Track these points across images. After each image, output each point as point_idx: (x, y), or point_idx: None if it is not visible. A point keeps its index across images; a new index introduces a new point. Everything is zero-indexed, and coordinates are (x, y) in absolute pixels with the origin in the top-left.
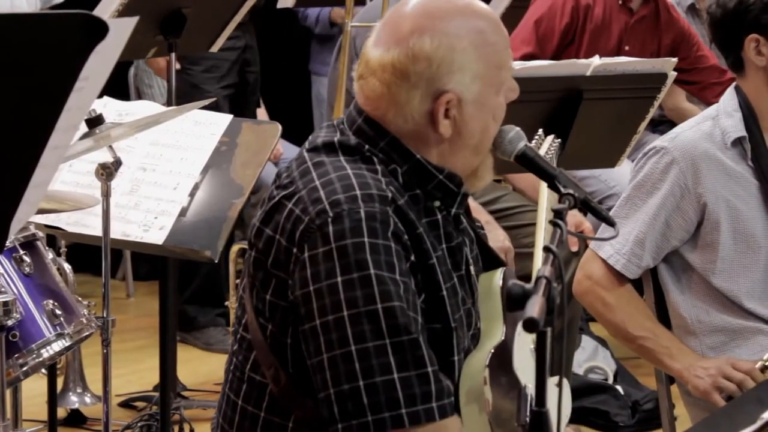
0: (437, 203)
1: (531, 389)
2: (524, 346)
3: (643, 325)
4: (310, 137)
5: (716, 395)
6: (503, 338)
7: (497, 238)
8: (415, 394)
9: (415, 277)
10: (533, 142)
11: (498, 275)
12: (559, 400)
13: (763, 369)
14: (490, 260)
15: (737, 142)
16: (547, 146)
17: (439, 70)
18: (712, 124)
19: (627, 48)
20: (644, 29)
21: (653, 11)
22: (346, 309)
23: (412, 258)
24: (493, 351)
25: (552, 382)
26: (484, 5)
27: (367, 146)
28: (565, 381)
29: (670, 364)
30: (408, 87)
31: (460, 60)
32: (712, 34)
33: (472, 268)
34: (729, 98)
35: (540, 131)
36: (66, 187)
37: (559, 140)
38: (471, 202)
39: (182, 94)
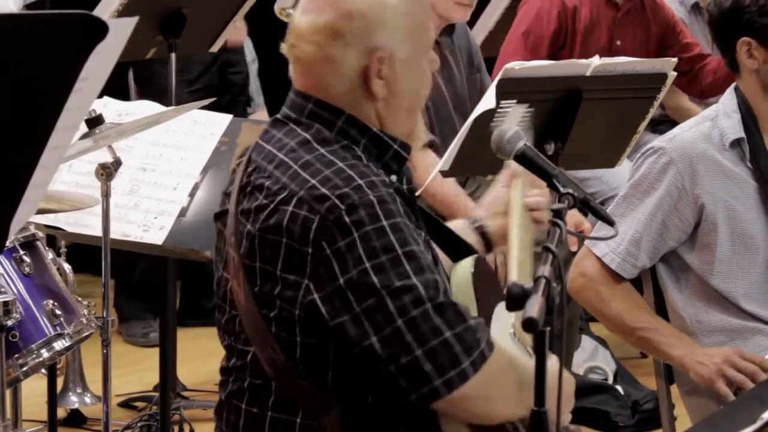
0: (394, 177)
1: None
2: (502, 332)
3: (641, 316)
4: (267, 140)
5: (721, 383)
6: None
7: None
8: (470, 345)
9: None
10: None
11: (470, 263)
12: (558, 403)
13: None
14: (461, 249)
15: (736, 143)
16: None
17: (372, 27)
18: (710, 125)
19: (618, 43)
20: (632, 22)
21: (638, 3)
22: (384, 290)
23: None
24: None
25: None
26: None
27: (330, 133)
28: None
29: (671, 353)
30: (343, 45)
31: (391, 16)
32: (710, 33)
33: (431, 242)
34: (728, 99)
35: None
36: (66, 187)
37: (532, 109)
38: (453, 187)
39: (148, 97)
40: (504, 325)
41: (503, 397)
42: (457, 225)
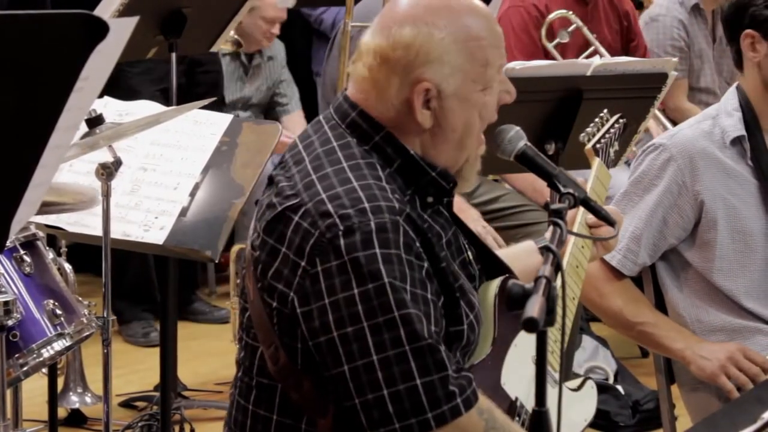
0: (430, 199)
1: (524, 399)
2: (524, 356)
3: (641, 311)
4: (302, 140)
5: (723, 378)
6: (488, 352)
7: (472, 217)
8: (439, 397)
9: (431, 282)
10: (597, 119)
11: (496, 284)
12: (558, 406)
13: None
14: (495, 267)
15: (736, 141)
16: (608, 126)
17: (417, 59)
18: (711, 123)
19: (595, 36)
20: (603, 13)
21: None
22: (365, 320)
23: (426, 265)
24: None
25: (571, 384)
26: (479, 3)
27: (364, 146)
28: (589, 383)
29: (672, 346)
30: (387, 72)
31: (438, 50)
32: (723, 28)
33: (470, 253)
34: (730, 98)
35: (605, 110)
36: None
37: (624, 120)
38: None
39: (115, 96)
40: (525, 350)
41: None
42: (524, 246)
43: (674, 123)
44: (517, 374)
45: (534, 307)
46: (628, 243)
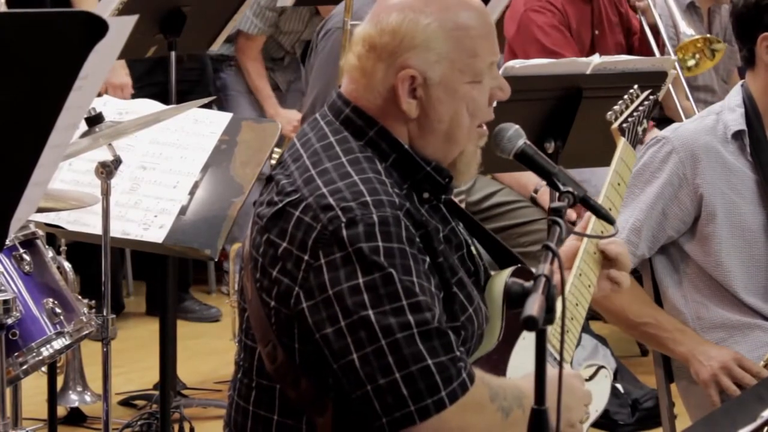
0: (426, 195)
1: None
2: (528, 350)
3: (643, 311)
4: (299, 137)
5: (713, 389)
6: (495, 346)
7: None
8: (451, 375)
9: (433, 276)
10: (626, 96)
11: (506, 275)
12: (558, 398)
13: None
14: (505, 257)
15: (737, 135)
16: (637, 103)
17: (402, 44)
18: (715, 119)
19: (597, 32)
20: (606, 9)
21: None
22: (371, 308)
23: (427, 259)
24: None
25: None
26: None
27: (359, 142)
28: (603, 372)
29: (675, 348)
30: (374, 59)
31: (423, 36)
32: (732, 23)
33: (473, 248)
34: (734, 94)
35: (635, 86)
36: (66, 185)
37: (655, 96)
38: None
39: None
40: (531, 344)
41: (481, 430)
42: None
43: (672, 121)
44: (524, 366)
45: (533, 306)
46: (628, 235)
